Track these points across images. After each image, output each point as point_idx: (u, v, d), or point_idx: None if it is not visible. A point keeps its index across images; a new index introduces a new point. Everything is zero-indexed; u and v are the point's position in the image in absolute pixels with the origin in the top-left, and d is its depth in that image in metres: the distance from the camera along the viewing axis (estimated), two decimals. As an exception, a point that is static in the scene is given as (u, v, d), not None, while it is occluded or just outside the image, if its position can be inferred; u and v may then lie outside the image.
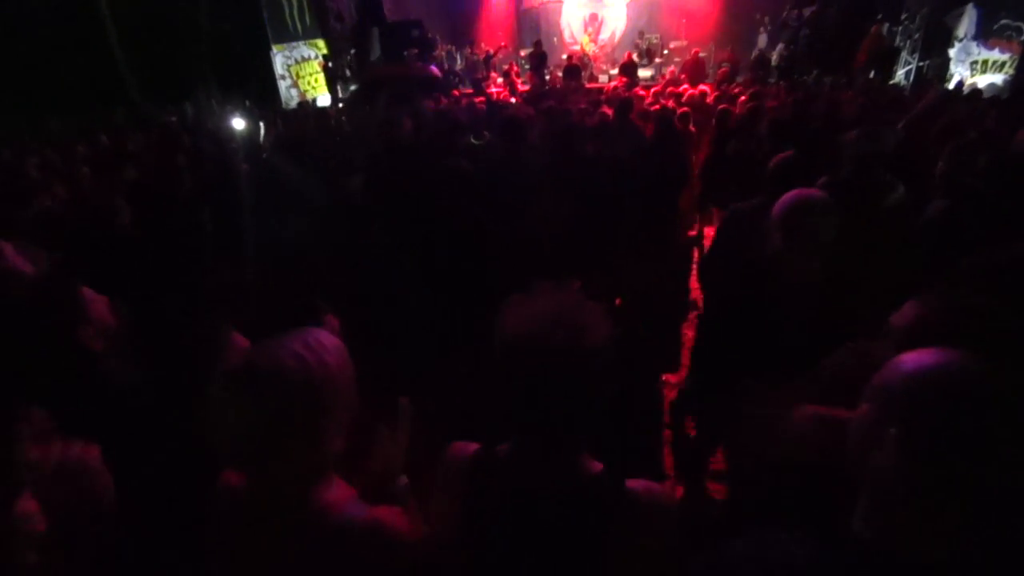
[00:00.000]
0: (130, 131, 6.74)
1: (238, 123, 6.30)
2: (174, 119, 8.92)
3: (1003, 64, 9.45)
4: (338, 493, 0.98)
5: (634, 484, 0.97)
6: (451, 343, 2.15)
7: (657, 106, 6.18)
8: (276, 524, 0.95)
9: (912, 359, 0.79)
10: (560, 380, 0.89)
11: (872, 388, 0.83)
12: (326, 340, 0.99)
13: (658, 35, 14.60)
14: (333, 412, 0.95)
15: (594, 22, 15.35)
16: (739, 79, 11.44)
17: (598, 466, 0.99)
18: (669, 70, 12.41)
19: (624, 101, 5.02)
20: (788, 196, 1.77)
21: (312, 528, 0.93)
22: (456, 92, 11.14)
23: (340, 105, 11.48)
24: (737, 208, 2.71)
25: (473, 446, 1.06)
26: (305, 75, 13.12)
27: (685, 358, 3.33)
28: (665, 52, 14.05)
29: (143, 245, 2.56)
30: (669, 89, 8.49)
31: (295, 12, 12.64)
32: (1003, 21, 9.41)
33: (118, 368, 1.51)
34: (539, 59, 12.92)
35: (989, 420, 0.70)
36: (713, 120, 5.24)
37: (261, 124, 6.54)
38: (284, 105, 12.03)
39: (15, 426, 1.05)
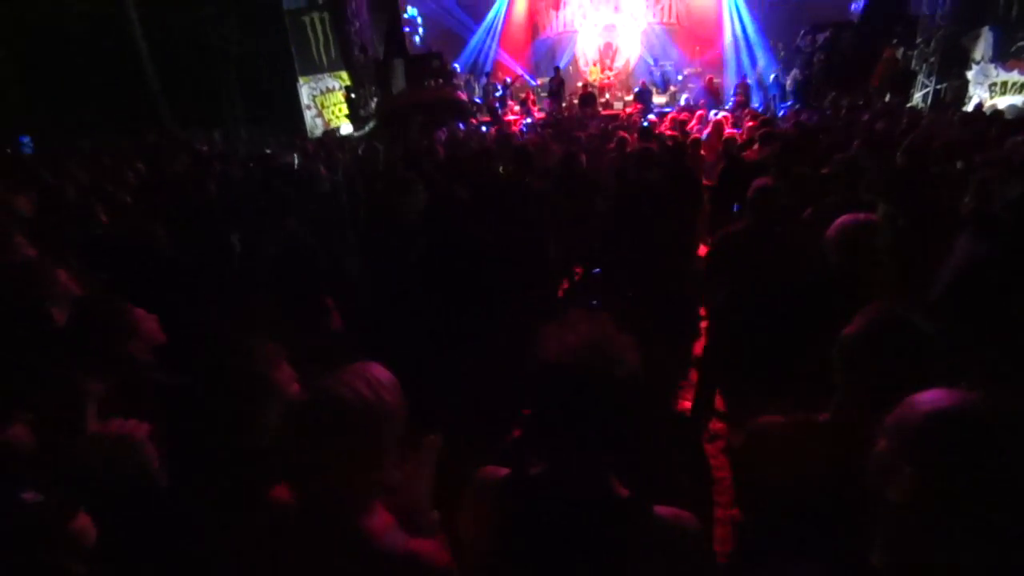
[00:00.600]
0: (164, 156, 7.05)
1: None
2: (205, 148, 9.31)
3: (1023, 85, 9.40)
4: (381, 520, 1.03)
5: (662, 509, 0.99)
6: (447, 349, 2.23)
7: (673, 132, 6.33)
8: (321, 544, 1.00)
9: (929, 399, 0.82)
10: (595, 406, 0.92)
11: (889, 426, 0.86)
12: (381, 375, 1.05)
13: (672, 62, 14.85)
14: (386, 444, 1.01)
15: (608, 51, 15.67)
16: (753, 104, 11.55)
17: (625, 491, 1.01)
18: (684, 97, 12.58)
19: (646, 128, 5.19)
20: (844, 219, 1.96)
21: (355, 552, 0.98)
22: (474, 120, 11.45)
23: (365, 130, 11.84)
24: (725, 232, 2.87)
25: (503, 470, 1.08)
26: (329, 105, 13.60)
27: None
28: (680, 79, 14.26)
29: (181, 266, 2.72)
30: (684, 115, 8.62)
31: (320, 45, 13.18)
32: (1021, 43, 9.39)
33: (165, 377, 1.62)
34: (557, 86, 13.25)
35: (1002, 461, 0.73)
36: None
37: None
38: (309, 134, 12.46)
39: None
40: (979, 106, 9.23)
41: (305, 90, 13.37)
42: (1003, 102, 9.52)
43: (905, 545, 0.81)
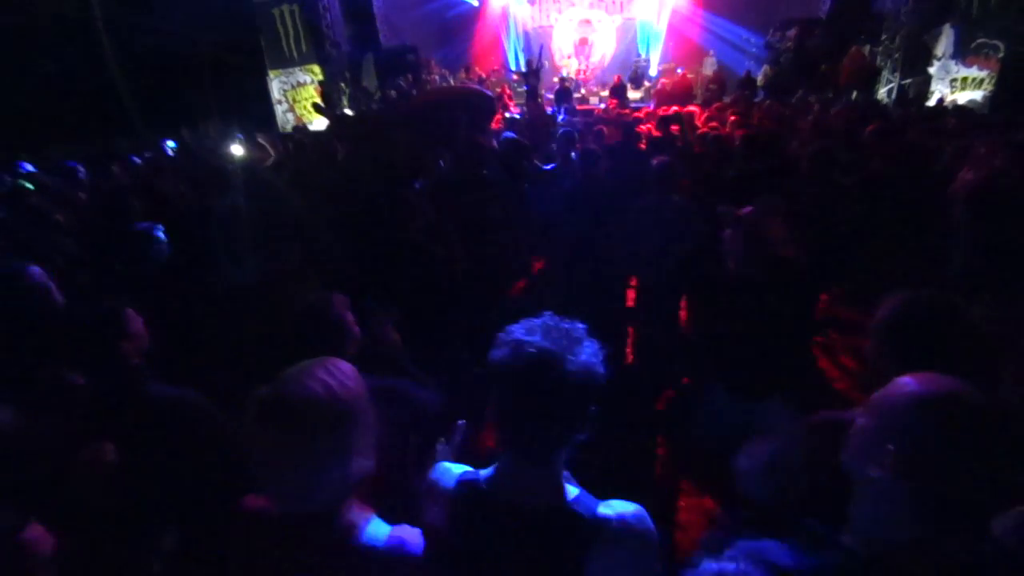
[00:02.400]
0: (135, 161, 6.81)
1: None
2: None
3: (982, 81, 9.69)
4: (360, 515, 1.03)
5: (608, 509, 0.99)
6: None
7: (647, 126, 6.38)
8: (304, 545, 0.99)
9: (914, 382, 0.84)
10: (540, 402, 0.92)
11: (873, 405, 0.88)
12: (343, 366, 1.03)
13: (647, 58, 14.94)
14: (357, 435, 1.00)
15: (584, 46, 15.70)
16: (726, 99, 11.70)
17: (574, 490, 1.02)
18: (656, 91, 12.68)
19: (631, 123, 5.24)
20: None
21: (339, 548, 0.98)
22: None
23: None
24: None
25: (460, 469, 1.09)
26: (301, 100, 13.34)
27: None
28: (652, 75, 14.36)
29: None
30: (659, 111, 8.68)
31: (291, 38, 12.91)
32: (980, 40, 9.66)
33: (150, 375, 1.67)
34: (533, 82, 13.20)
35: (983, 446, 0.76)
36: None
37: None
38: (280, 129, 12.21)
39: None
40: (940, 101, 9.51)
41: (275, 84, 13.09)
42: (963, 97, 9.81)
43: (880, 522, 0.83)
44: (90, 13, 11.03)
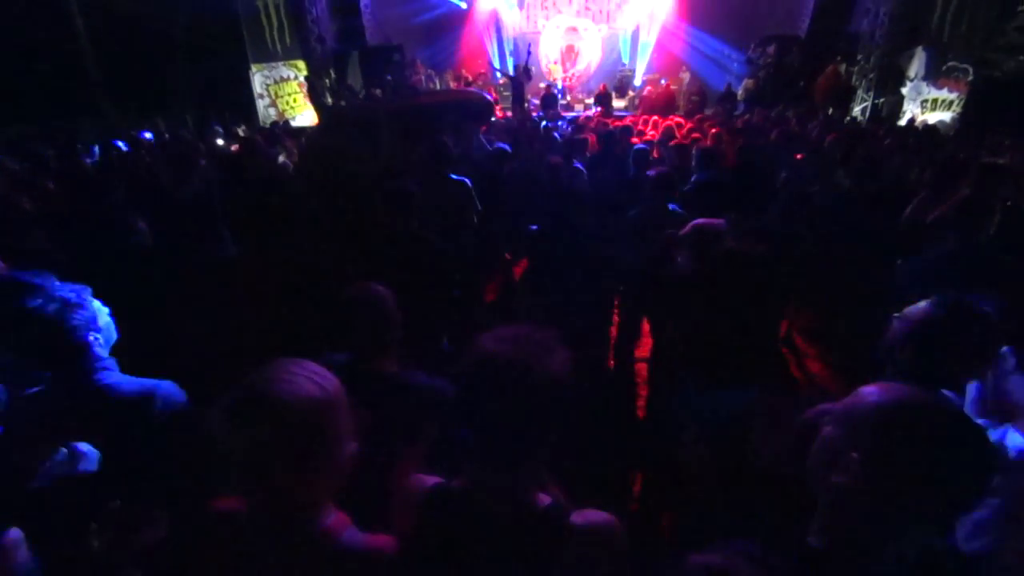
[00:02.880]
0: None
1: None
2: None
3: (951, 103, 10.06)
4: (337, 519, 1.01)
5: (579, 516, 0.99)
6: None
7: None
8: (278, 548, 0.96)
9: (878, 391, 0.87)
10: (506, 412, 0.92)
11: (838, 414, 0.90)
12: (318, 368, 1.00)
13: (632, 68, 15.16)
14: (334, 437, 0.97)
15: (570, 53, 15.85)
16: (707, 111, 11.93)
17: (546, 499, 1.01)
18: (640, 99, 12.86)
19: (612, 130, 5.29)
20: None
21: (314, 552, 0.95)
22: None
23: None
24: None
25: (432, 479, 1.08)
26: (284, 95, 13.17)
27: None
28: (637, 85, 14.57)
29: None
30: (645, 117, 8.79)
31: (275, 32, 12.74)
32: (951, 63, 10.05)
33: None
34: (518, 87, 13.26)
35: (946, 453, 0.78)
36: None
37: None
38: (261, 123, 12.02)
39: None
40: (911, 120, 9.84)
41: (258, 78, 12.90)
42: (933, 117, 10.18)
43: (845, 527, 0.86)
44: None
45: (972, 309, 1.34)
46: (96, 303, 1.55)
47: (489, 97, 10.39)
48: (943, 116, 10.15)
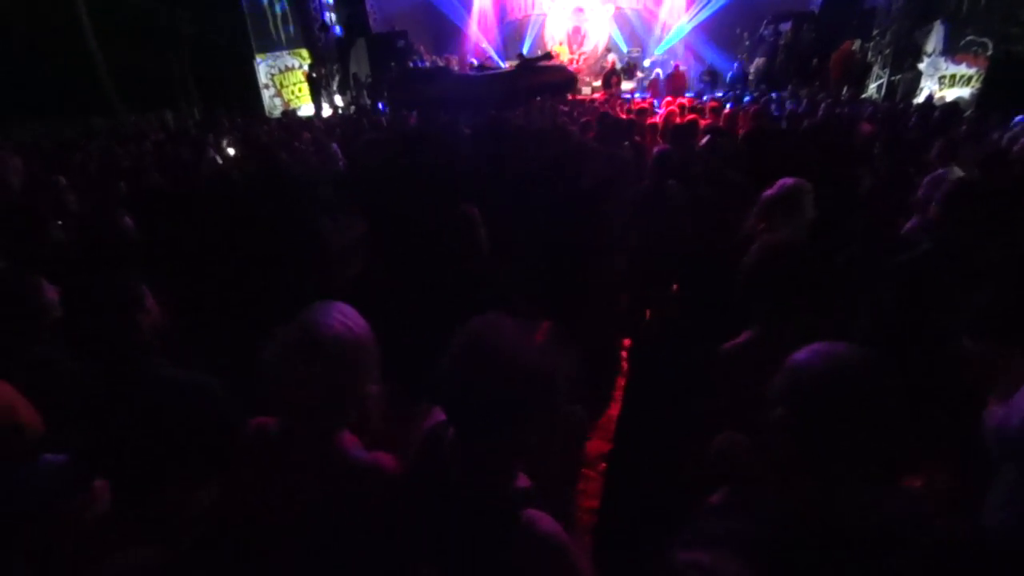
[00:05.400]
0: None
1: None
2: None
3: (970, 78, 9.80)
4: (349, 440, 1.19)
5: (535, 514, 1.00)
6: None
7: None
8: (301, 460, 1.15)
9: (801, 353, 0.93)
10: (485, 399, 0.94)
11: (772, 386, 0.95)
12: (352, 312, 1.17)
13: (639, 49, 14.89)
14: (364, 373, 1.14)
15: (577, 35, 15.58)
16: (718, 91, 11.72)
17: (524, 482, 1.05)
18: (649, 82, 12.66)
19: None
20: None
21: (329, 464, 1.14)
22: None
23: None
24: None
25: (439, 419, 1.15)
26: (289, 84, 13.10)
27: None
28: (646, 65, 14.32)
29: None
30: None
31: (279, 21, 12.64)
32: (969, 37, 9.76)
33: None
34: (524, 65, 13.08)
35: (856, 408, 0.84)
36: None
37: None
38: (267, 114, 11.98)
39: None
40: (930, 97, 9.60)
41: (263, 68, 12.83)
42: (952, 94, 9.92)
43: (786, 480, 0.92)
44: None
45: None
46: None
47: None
48: (962, 92, 9.89)
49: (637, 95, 12.01)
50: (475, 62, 14.44)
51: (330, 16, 13.14)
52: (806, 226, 2.27)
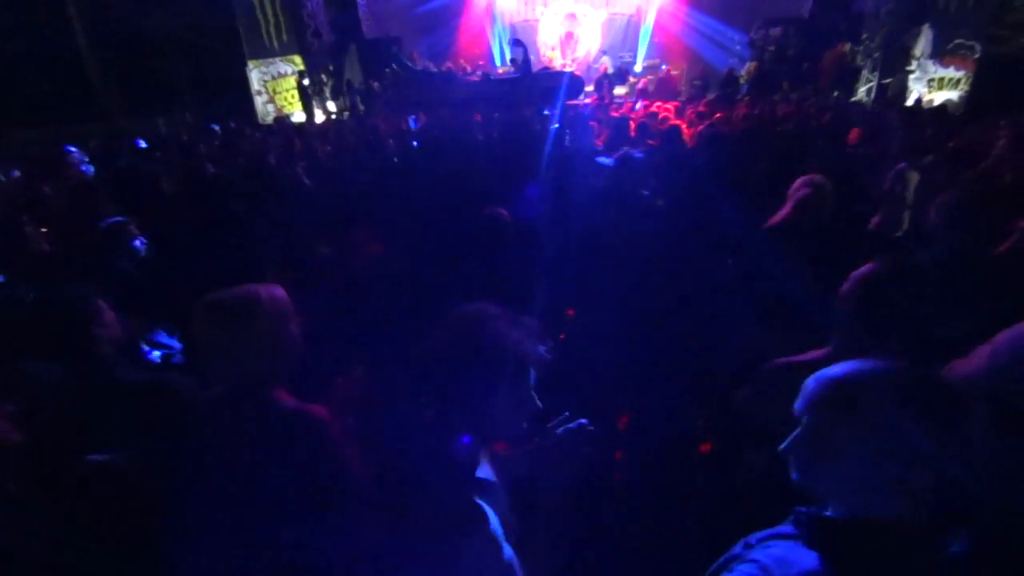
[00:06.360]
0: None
1: None
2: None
3: (958, 81, 9.84)
4: (281, 393, 1.35)
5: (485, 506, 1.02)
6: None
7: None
8: (238, 413, 1.30)
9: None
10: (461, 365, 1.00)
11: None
12: (272, 287, 1.39)
13: (632, 53, 14.96)
14: (284, 334, 1.35)
15: (570, 40, 15.65)
16: (710, 95, 11.76)
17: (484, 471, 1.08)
18: (640, 84, 12.71)
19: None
20: None
21: (263, 413, 1.30)
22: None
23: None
24: None
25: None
26: (282, 91, 13.11)
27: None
28: (637, 71, 14.39)
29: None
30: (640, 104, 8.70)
31: (271, 28, 12.66)
32: (957, 40, 9.81)
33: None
34: (524, 66, 13.08)
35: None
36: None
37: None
38: (260, 120, 11.99)
39: None
40: (918, 101, 9.65)
41: (255, 75, 12.84)
42: (940, 96, 9.96)
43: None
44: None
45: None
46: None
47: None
48: (950, 95, 9.94)
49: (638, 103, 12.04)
50: (468, 69, 14.49)
51: (323, 22, 13.18)
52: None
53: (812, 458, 0.88)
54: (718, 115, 6.76)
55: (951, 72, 9.96)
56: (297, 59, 12.79)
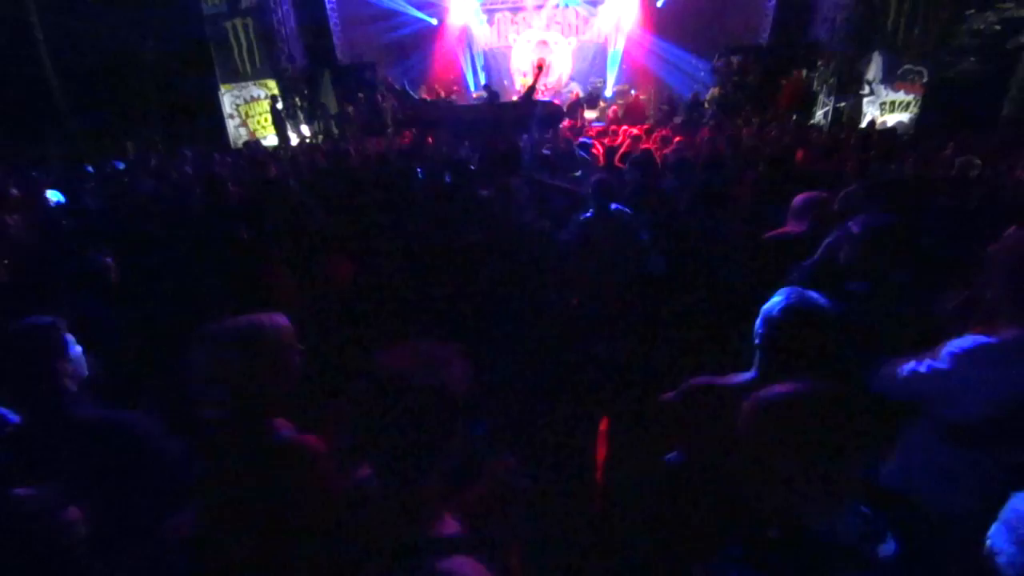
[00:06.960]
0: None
1: None
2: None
3: (908, 104, 10.40)
4: (280, 423, 1.37)
5: (447, 563, 0.94)
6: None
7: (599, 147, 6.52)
8: (237, 441, 1.33)
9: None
10: (401, 419, 0.94)
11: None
12: (276, 315, 1.41)
13: (602, 79, 15.38)
14: (285, 364, 1.37)
15: (541, 66, 16.01)
16: (677, 119, 12.15)
17: (450, 527, 1.00)
18: (611, 110, 13.05)
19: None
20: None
21: (262, 442, 1.32)
22: (408, 133, 11.33)
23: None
24: None
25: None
26: (254, 115, 13.08)
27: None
28: (608, 96, 14.78)
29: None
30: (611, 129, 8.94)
31: (244, 52, 12.68)
32: (906, 66, 10.40)
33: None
34: (493, 98, 13.34)
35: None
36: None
37: None
38: (232, 144, 11.91)
39: None
40: (871, 123, 10.13)
41: (227, 99, 12.81)
42: (892, 119, 10.50)
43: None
44: (26, 15, 10.48)
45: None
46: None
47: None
48: (901, 117, 10.48)
49: (598, 124, 12.35)
50: (441, 95, 14.66)
51: (297, 47, 13.25)
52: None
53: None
54: (677, 139, 6.99)
55: (901, 96, 10.52)
56: (270, 83, 12.81)
